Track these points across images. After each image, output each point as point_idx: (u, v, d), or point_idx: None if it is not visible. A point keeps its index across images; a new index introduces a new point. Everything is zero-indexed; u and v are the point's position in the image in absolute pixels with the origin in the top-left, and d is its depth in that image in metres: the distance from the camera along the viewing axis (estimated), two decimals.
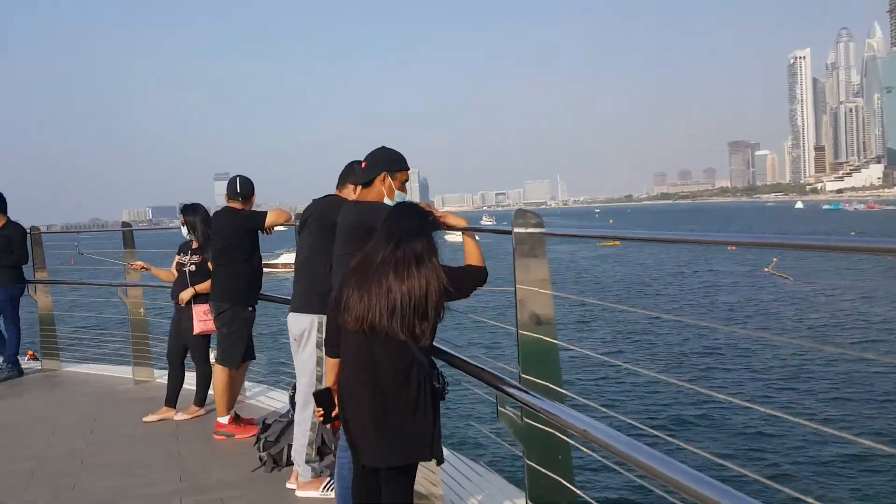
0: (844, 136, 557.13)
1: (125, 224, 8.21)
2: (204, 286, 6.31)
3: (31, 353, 19.36)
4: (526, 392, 3.20)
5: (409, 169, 4.05)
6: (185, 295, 6.48)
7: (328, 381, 3.50)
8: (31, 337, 9.83)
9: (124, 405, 7.20)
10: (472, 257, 3.51)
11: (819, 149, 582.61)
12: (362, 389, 3.13)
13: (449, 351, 3.66)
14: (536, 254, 3.41)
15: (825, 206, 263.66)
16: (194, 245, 6.56)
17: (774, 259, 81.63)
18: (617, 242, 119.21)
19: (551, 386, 3.31)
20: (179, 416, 6.63)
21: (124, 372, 8.37)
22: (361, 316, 3.06)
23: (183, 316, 6.59)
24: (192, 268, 6.50)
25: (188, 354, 6.73)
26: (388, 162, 3.94)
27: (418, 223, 3.23)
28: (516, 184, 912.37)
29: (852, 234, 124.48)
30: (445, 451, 3.94)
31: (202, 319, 6.33)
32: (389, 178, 3.91)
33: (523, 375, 3.31)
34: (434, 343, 3.35)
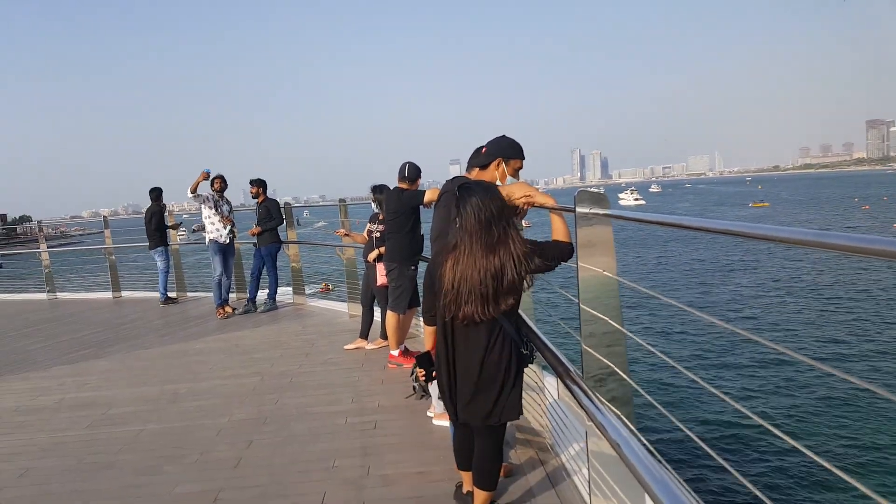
0: None
1: (341, 200, 7.74)
2: None
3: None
4: (591, 400, 2.16)
5: (523, 158, 3.13)
6: (372, 255, 5.85)
7: (427, 345, 2.74)
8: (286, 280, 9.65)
9: (336, 335, 6.70)
10: (559, 233, 2.64)
11: None
12: (455, 358, 2.51)
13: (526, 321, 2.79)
14: (600, 236, 2.42)
15: None
16: (380, 217, 5.86)
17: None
18: (767, 204, 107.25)
19: (616, 371, 2.34)
20: (369, 346, 6.05)
21: (344, 308, 7.96)
22: (463, 311, 2.40)
23: (370, 271, 5.99)
24: (378, 234, 5.85)
25: (376, 300, 6.10)
26: (504, 149, 3.10)
27: (488, 205, 2.39)
28: (680, 159, 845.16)
29: None
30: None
31: (383, 274, 5.64)
32: (504, 163, 3.07)
33: (585, 347, 2.39)
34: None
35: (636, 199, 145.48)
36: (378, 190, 5.79)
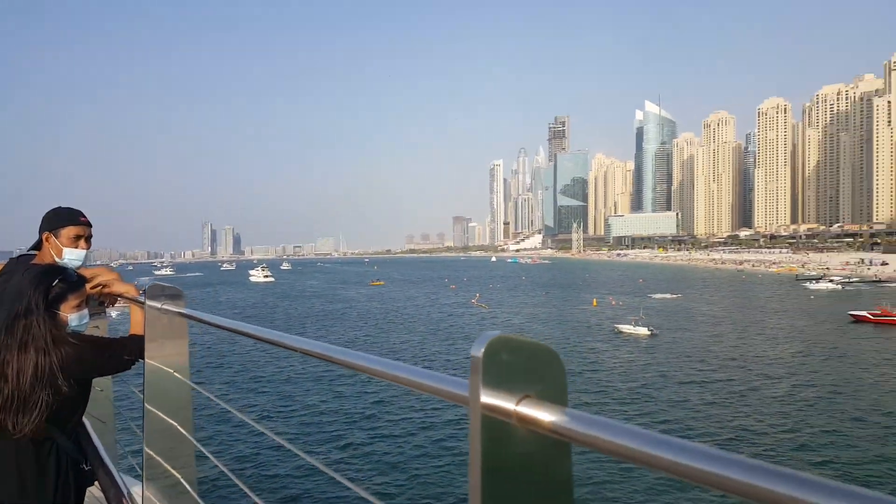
0: (521, 216, 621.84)
1: None
2: None
3: None
4: None
5: (76, 224, 2.68)
6: None
7: None
8: None
9: None
10: (136, 326, 2.35)
11: (506, 223, 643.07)
12: None
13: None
14: (173, 333, 2.23)
15: (509, 260, 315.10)
16: None
17: (478, 294, 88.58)
18: (383, 282, 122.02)
19: (182, 483, 2.08)
20: None
21: None
22: None
23: None
24: None
25: None
26: (48, 221, 2.68)
27: (29, 294, 1.98)
28: (310, 239, 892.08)
29: (523, 277, 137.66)
30: None
31: None
32: (53, 237, 2.64)
33: (149, 452, 2.14)
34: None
35: (266, 277, 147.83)
36: None
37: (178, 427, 2.16)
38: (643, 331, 48.37)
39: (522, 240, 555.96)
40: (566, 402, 0.81)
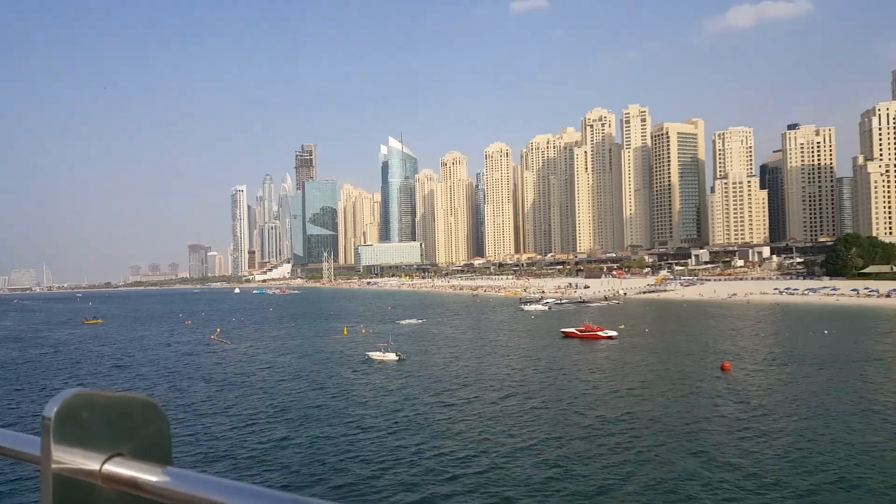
0: (268, 245, 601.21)
1: None
2: None
3: None
4: None
5: None
6: None
7: None
8: None
9: None
10: None
11: (251, 252, 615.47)
12: None
13: None
14: None
15: (255, 291, 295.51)
16: None
17: (218, 329, 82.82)
18: (101, 321, 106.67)
19: None
20: None
21: None
22: None
23: None
24: None
25: None
26: None
27: None
28: (2, 272, 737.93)
29: (270, 309, 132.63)
30: None
31: None
32: None
33: None
34: None
35: None
36: None
37: None
38: (392, 356, 50.01)
39: (270, 269, 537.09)
40: (170, 459, 0.78)
